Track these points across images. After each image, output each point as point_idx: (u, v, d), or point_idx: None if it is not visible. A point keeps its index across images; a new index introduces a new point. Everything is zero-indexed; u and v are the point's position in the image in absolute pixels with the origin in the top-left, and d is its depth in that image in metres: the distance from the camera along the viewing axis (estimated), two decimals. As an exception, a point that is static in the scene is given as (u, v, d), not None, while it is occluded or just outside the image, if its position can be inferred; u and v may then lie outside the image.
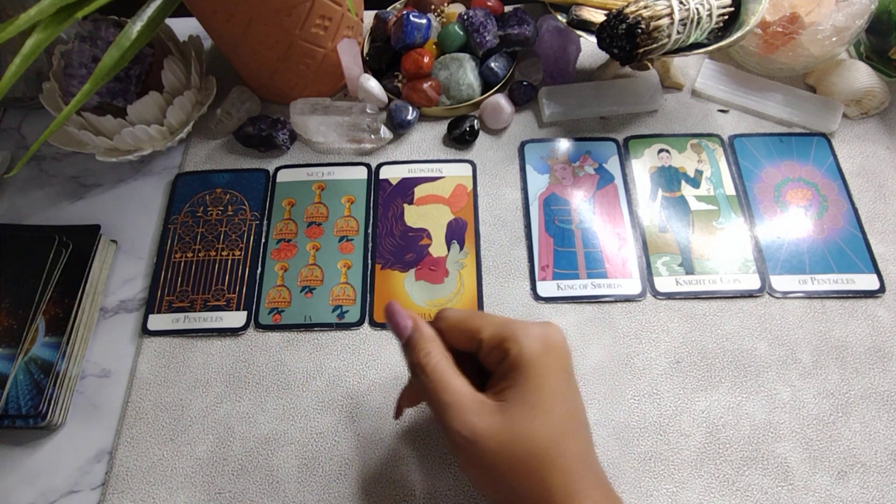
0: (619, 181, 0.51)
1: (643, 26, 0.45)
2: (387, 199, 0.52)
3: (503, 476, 0.30)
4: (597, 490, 0.30)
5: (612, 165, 0.52)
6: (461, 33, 0.53)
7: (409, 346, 0.34)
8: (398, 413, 0.40)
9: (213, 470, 0.42)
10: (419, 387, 0.33)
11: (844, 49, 0.52)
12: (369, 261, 0.49)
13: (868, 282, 0.46)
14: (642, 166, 0.52)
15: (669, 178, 0.51)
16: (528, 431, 0.30)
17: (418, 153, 0.54)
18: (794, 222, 0.49)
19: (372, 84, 0.54)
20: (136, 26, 0.41)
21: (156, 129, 0.50)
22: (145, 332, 0.46)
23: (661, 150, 0.53)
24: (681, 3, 0.46)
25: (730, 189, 0.51)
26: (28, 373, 0.42)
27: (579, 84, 0.55)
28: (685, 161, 0.52)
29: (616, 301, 0.46)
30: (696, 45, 0.49)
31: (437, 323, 0.35)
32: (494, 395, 0.32)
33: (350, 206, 0.51)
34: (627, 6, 0.46)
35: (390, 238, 0.50)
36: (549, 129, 0.55)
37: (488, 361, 0.33)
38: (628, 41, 0.45)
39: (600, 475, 0.32)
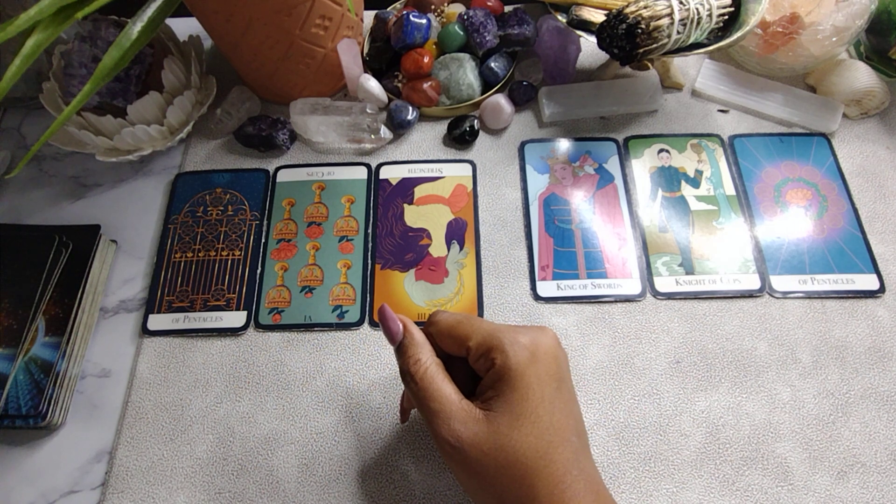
0: (619, 181, 0.51)
1: (643, 26, 0.45)
2: (387, 199, 0.52)
3: (490, 483, 0.30)
4: (587, 497, 0.30)
5: (612, 165, 0.52)
6: (461, 33, 0.53)
7: (400, 353, 0.34)
8: (405, 417, 0.40)
9: (213, 470, 0.42)
10: (409, 393, 0.33)
11: (844, 49, 0.52)
12: (369, 261, 0.49)
13: (868, 282, 0.46)
14: (642, 166, 0.52)
15: (669, 178, 0.51)
16: (512, 442, 0.30)
17: (418, 153, 0.54)
18: (794, 222, 0.49)
19: (372, 84, 0.54)
20: (136, 26, 0.41)
21: (156, 129, 0.50)
22: (145, 332, 0.46)
23: (661, 150, 0.53)
24: (681, 3, 0.46)
25: (730, 189, 0.51)
26: (28, 373, 0.42)
27: (579, 84, 0.55)
28: (685, 161, 0.52)
29: (616, 301, 0.46)
30: (696, 45, 0.49)
31: (429, 327, 0.35)
32: (482, 404, 0.32)
33: (350, 206, 0.51)
34: (627, 6, 0.46)
35: (390, 238, 0.50)
36: (549, 129, 0.55)
37: (477, 368, 0.33)
38: (628, 41, 0.45)
39: (594, 483, 0.31)
